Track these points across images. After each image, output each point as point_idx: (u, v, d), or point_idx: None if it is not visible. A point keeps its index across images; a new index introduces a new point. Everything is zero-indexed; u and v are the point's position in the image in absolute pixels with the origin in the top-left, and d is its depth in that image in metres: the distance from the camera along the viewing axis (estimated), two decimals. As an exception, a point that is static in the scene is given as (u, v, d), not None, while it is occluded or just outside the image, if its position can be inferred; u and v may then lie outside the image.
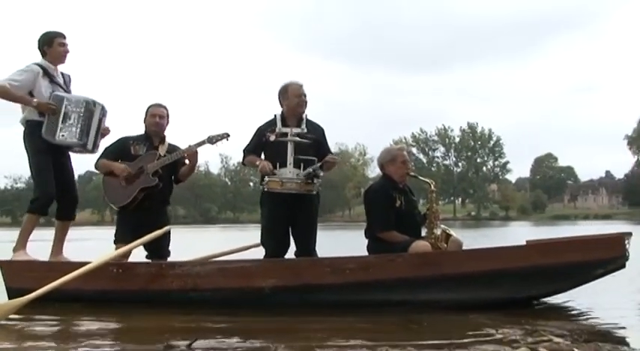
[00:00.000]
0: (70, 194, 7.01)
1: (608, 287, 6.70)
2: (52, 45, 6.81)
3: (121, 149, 6.95)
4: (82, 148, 6.82)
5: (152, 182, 6.76)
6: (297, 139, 6.28)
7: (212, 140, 6.75)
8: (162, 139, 6.95)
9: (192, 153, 6.84)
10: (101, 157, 6.96)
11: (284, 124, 6.49)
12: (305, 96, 6.56)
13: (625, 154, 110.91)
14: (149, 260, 6.85)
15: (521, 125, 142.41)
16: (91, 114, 6.74)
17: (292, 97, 6.53)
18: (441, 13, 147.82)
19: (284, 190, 6.21)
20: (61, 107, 6.62)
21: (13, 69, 6.69)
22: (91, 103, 6.78)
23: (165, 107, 7.02)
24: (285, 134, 6.36)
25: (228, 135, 6.75)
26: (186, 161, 6.98)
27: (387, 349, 4.12)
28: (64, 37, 6.89)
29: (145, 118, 6.98)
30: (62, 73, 7.00)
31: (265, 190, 6.33)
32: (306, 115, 6.58)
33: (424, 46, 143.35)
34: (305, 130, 6.45)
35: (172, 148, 6.93)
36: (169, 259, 6.85)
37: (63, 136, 6.62)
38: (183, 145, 6.97)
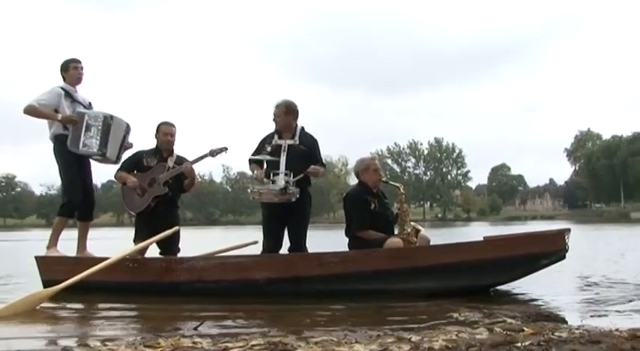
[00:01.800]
0: (89, 199, 7.04)
1: (551, 276, 6.72)
2: (67, 70, 6.91)
3: (136, 162, 6.95)
4: (103, 158, 6.83)
5: (163, 191, 6.76)
6: (269, 157, 6.29)
7: (213, 153, 6.75)
8: (171, 152, 6.94)
9: (188, 169, 6.81)
10: (119, 169, 6.96)
11: (279, 137, 6.47)
12: (276, 116, 6.47)
13: (565, 165, 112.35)
14: (162, 256, 6.83)
15: (479, 139, 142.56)
16: (109, 127, 6.74)
17: (273, 118, 6.53)
18: (410, 43, 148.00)
19: (262, 199, 6.23)
20: (82, 121, 6.66)
21: (40, 90, 6.79)
22: (109, 117, 6.78)
23: (174, 125, 7.01)
24: (280, 146, 6.36)
25: (226, 148, 6.75)
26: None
27: (365, 331, 4.12)
28: (78, 62, 6.97)
29: (156, 134, 6.96)
30: (83, 97, 7.03)
31: (251, 198, 6.37)
32: (302, 127, 6.55)
33: (395, 72, 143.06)
34: (297, 142, 6.43)
35: (180, 160, 6.91)
36: (179, 255, 6.84)
37: (85, 147, 6.66)
38: (188, 156, 6.99)
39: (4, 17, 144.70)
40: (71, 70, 6.90)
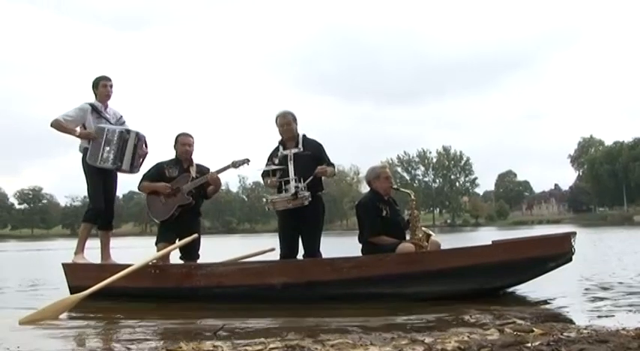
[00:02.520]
0: (109, 209, 7.11)
1: (558, 278, 6.64)
2: (97, 87, 7.03)
3: (158, 173, 6.95)
4: (119, 170, 6.93)
5: (187, 200, 6.76)
6: (274, 166, 6.31)
7: (235, 165, 6.75)
8: (191, 162, 6.95)
9: (214, 178, 6.80)
10: (142, 180, 6.98)
11: (284, 148, 6.49)
12: (287, 124, 6.50)
13: (569, 170, 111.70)
14: (183, 262, 6.84)
15: (485, 147, 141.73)
16: (125, 141, 6.84)
17: (278, 127, 6.56)
18: (414, 56, 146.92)
19: (277, 208, 6.24)
20: (102, 136, 6.76)
21: (65, 104, 6.93)
22: (125, 132, 6.88)
23: (191, 136, 7.01)
24: (286, 156, 6.38)
25: (248, 160, 6.75)
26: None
27: (380, 333, 4.10)
28: (108, 80, 7.10)
29: (175, 145, 6.96)
30: (114, 111, 7.16)
31: (266, 209, 6.43)
32: (304, 135, 6.55)
33: (401, 84, 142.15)
34: (302, 149, 6.43)
35: (201, 169, 6.92)
36: (198, 262, 6.84)
37: (102, 160, 6.76)
38: (208, 165, 7.01)
39: (32, 38, 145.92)
40: (101, 87, 7.02)
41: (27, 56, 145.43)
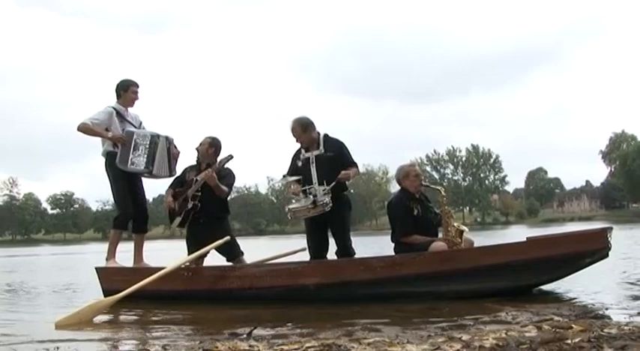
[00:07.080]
0: (142, 212, 7.15)
1: (593, 274, 6.56)
2: (127, 90, 7.06)
3: (182, 177, 7.00)
4: (150, 175, 6.94)
5: (188, 206, 6.74)
6: (292, 178, 6.34)
7: (220, 163, 6.67)
8: (209, 165, 6.83)
9: (206, 178, 6.64)
10: (170, 185, 7.01)
11: (306, 150, 6.50)
12: (297, 137, 6.48)
13: (600, 166, 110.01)
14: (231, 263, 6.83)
15: (514, 144, 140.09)
16: (156, 145, 6.87)
17: (296, 140, 6.56)
18: (437, 53, 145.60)
19: (297, 217, 6.29)
20: (131, 140, 6.78)
21: (93, 106, 6.94)
22: (155, 136, 6.92)
23: (212, 138, 6.96)
24: (308, 158, 6.40)
25: (232, 156, 6.68)
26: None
27: (416, 331, 4.08)
28: (137, 86, 7.13)
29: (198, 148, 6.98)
30: (134, 115, 7.20)
31: (288, 218, 6.44)
32: (325, 135, 6.55)
33: (426, 82, 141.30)
34: (323, 151, 6.42)
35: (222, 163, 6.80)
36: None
37: (133, 164, 6.78)
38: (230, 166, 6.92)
39: (55, 44, 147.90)
40: (130, 92, 7.05)
41: (52, 62, 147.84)
